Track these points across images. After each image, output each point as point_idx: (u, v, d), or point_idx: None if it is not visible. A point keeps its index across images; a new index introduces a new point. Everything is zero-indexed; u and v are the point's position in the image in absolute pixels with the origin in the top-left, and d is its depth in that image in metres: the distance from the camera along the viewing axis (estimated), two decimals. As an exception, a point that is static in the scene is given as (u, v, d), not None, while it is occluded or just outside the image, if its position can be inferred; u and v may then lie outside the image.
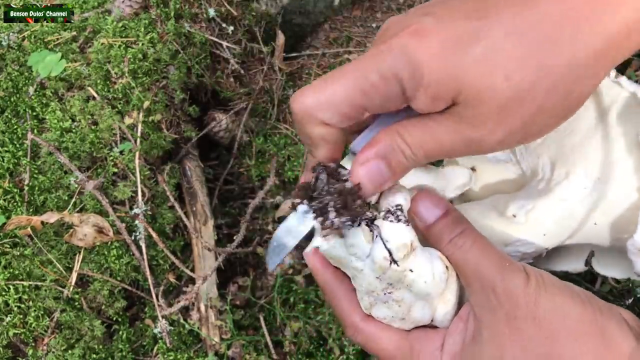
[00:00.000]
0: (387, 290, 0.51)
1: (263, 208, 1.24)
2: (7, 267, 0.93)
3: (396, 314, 0.53)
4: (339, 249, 0.51)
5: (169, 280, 1.03)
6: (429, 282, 0.50)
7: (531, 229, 0.64)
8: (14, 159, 1.03)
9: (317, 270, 0.56)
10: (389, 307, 0.53)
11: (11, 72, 1.13)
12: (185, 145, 1.19)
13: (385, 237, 0.49)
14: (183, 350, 0.97)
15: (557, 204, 0.63)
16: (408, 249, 0.49)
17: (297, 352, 1.01)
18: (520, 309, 0.48)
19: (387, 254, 0.49)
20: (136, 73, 1.10)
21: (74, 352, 0.90)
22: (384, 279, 0.50)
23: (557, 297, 0.48)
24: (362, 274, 0.51)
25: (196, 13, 1.23)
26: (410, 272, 0.49)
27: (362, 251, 0.50)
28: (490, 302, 0.49)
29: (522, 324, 0.48)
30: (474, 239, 0.51)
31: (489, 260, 0.50)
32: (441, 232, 0.51)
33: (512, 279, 0.49)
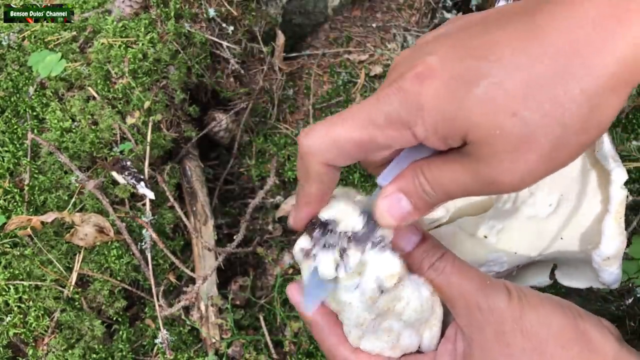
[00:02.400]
0: (376, 320, 0.52)
1: (263, 208, 1.24)
2: (7, 267, 0.93)
3: (386, 343, 0.53)
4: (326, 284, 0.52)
5: (169, 280, 1.03)
6: (418, 311, 0.51)
7: (503, 248, 0.66)
8: (14, 159, 1.03)
9: (299, 304, 0.57)
10: (378, 338, 0.53)
11: (11, 72, 1.13)
12: (186, 145, 1.19)
13: (375, 265, 0.50)
14: (183, 350, 0.98)
15: (525, 222, 0.65)
16: (396, 278, 0.50)
17: (297, 352, 1.01)
18: (507, 324, 0.49)
19: (375, 284, 0.49)
20: (136, 73, 1.10)
21: (74, 352, 0.90)
22: (374, 310, 0.51)
23: (539, 308, 0.50)
24: (351, 307, 0.51)
25: (196, 13, 1.23)
26: (400, 302, 0.50)
27: (350, 282, 0.50)
28: (477, 320, 0.50)
29: (510, 339, 0.49)
30: (452, 261, 0.52)
31: (470, 280, 0.51)
32: (421, 258, 0.52)
33: (495, 295, 0.50)
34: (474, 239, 0.66)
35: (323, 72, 1.42)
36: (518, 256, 0.66)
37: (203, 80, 1.24)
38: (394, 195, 0.48)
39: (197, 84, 1.24)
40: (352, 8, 1.53)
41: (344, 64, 1.41)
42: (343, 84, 1.37)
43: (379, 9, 1.54)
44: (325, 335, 0.56)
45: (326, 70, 1.42)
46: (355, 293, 0.50)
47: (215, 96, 1.32)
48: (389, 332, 0.53)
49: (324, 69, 1.43)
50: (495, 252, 0.65)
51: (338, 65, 1.41)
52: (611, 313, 0.85)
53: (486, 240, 0.65)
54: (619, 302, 0.84)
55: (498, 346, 0.49)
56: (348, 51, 1.44)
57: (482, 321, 0.50)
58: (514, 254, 0.65)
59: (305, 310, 0.54)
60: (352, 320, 0.52)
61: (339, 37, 1.49)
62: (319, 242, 0.51)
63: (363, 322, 0.52)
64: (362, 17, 1.52)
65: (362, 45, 1.46)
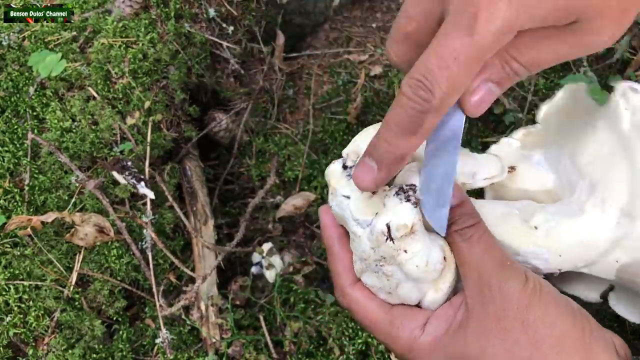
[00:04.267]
0: (379, 262, 0.52)
1: (263, 208, 1.24)
2: (8, 267, 0.93)
3: (384, 286, 0.54)
4: (344, 210, 0.53)
5: (170, 280, 1.03)
6: (421, 268, 0.51)
7: (548, 245, 0.62)
8: (14, 159, 1.03)
9: (325, 226, 0.59)
10: (378, 278, 0.54)
11: (11, 72, 1.13)
12: (186, 145, 1.19)
13: (388, 214, 0.50)
14: (183, 350, 0.98)
15: (583, 229, 0.61)
16: (407, 230, 0.50)
17: (297, 352, 1.01)
18: (511, 310, 0.49)
19: (386, 229, 0.49)
20: (136, 73, 1.10)
21: (74, 351, 0.90)
22: (378, 252, 0.51)
23: (549, 306, 0.50)
24: (359, 240, 0.53)
25: (196, 13, 1.23)
26: (404, 253, 0.50)
27: (364, 219, 0.51)
28: (483, 296, 0.50)
29: (509, 325, 0.49)
30: (481, 233, 0.52)
31: (491, 256, 0.51)
32: (451, 220, 0.52)
33: (510, 278, 0.50)
34: (524, 225, 0.62)
35: (323, 72, 1.42)
36: (562, 260, 0.62)
37: (203, 80, 1.24)
38: (483, 83, 0.47)
39: (197, 84, 1.24)
40: (352, 8, 1.53)
41: (344, 64, 1.41)
42: (343, 84, 1.37)
43: (379, 9, 1.54)
44: (334, 260, 0.58)
45: (326, 70, 1.42)
46: (366, 229, 0.51)
47: (215, 96, 1.32)
48: (389, 277, 0.53)
49: (324, 69, 1.43)
50: (539, 246, 0.61)
51: (338, 65, 1.41)
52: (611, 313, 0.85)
53: (534, 231, 0.62)
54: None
55: (495, 327, 0.49)
56: (348, 51, 1.44)
57: (488, 298, 0.50)
58: (558, 255, 0.61)
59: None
60: (358, 253, 0.54)
61: (339, 37, 1.49)
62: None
63: (367, 258, 0.53)
64: (362, 17, 1.52)
65: (362, 45, 1.46)
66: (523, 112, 1.16)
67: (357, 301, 0.56)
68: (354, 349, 0.97)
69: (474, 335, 0.50)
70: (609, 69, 1.23)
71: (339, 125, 1.30)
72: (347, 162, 0.55)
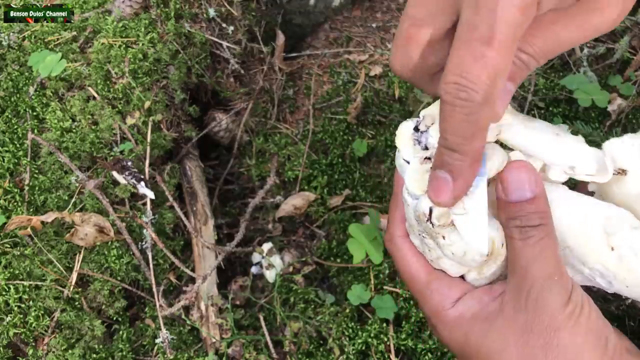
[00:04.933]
0: (422, 233, 0.53)
1: (263, 208, 1.24)
2: (8, 267, 0.93)
3: (426, 253, 0.55)
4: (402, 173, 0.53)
5: (170, 280, 1.03)
6: (457, 256, 0.50)
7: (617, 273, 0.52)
8: (14, 159, 1.03)
9: (395, 175, 0.59)
10: (422, 243, 0.54)
11: (11, 72, 1.13)
12: (186, 145, 1.19)
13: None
14: (183, 349, 0.97)
15: None
16: (447, 221, 0.49)
17: (297, 352, 1.01)
18: (540, 326, 0.48)
19: (428, 212, 0.49)
20: (136, 73, 1.10)
21: (74, 351, 0.90)
22: (421, 225, 0.52)
23: (579, 335, 0.47)
24: (408, 208, 0.53)
25: (196, 13, 1.23)
26: (442, 239, 0.50)
27: (414, 192, 0.51)
28: (519, 301, 0.49)
29: (532, 341, 0.48)
30: (542, 236, 0.48)
31: (542, 264, 0.48)
32: (517, 214, 0.49)
33: (551, 294, 0.48)
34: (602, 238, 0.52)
35: (323, 72, 1.42)
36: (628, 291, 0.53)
37: (203, 80, 1.24)
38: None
39: (197, 84, 1.24)
40: (352, 8, 1.53)
41: (344, 64, 1.41)
42: (343, 84, 1.37)
43: (379, 9, 1.54)
44: (394, 207, 0.58)
45: (326, 70, 1.42)
46: (413, 202, 0.52)
47: (215, 96, 1.32)
48: (430, 249, 0.54)
49: (324, 69, 1.43)
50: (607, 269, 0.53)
51: (338, 65, 1.41)
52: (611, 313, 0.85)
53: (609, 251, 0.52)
54: (618, 301, 0.84)
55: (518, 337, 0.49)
56: (348, 51, 1.44)
57: (522, 306, 0.49)
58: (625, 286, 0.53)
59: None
60: (407, 214, 0.54)
61: (339, 37, 1.49)
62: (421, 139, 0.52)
63: (412, 225, 0.54)
64: (362, 17, 1.52)
65: (362, 45, 1.46)
66: (523, 112, 1.16)
67: (403, 253, 0.57)
68: (354, 349, 0.97)
69: (496, 334, 0.50)
70: (609, 69, 1.22)
71: (339, 125, 1.30)
72: (421, 125, 0.52)
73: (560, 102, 1.19)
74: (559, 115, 1.16)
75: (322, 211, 1.20)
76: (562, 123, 1.14)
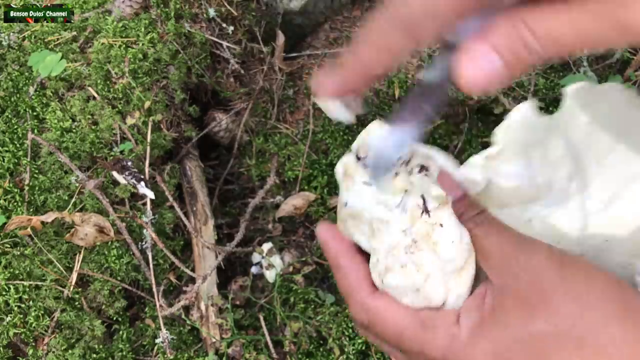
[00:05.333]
0: (410, 248, 0.49)
1: (263, 208, 1.24)
2: (8, 267, 0.93)
3: (411, 283, 0.49)
4: (364, 199, 0.50)
5: (170, 280, 1.03)
6: (456, 243, 0.48)
7: (544, 234, 0.61)
8: (14, 159, 1.03)
9: (326, 242, 0.53)
10: (405, 274, 0.49)
11: (11, 72, 1.13)
12: (186, 145, 1.19)
13: (421, 187, 0.48)
14: (183, 350, 0.98)
15: (572, 214, 0.62)
16: (442, 199, 0.48)
17: (297, 352, 1.01)
18: (546, 272, 0.46)
19: (422, 201, 0.48)
20: (136, 73, 1.10)
21: (74, 351, 0.90)
22: (411, 233, 0.48)
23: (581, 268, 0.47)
24: (387, 227, 0.49)
25: (196, 13, 1.23)
26: (440, 227, 0.48)
27: (391, 201, 0.49)
28: (512, 269, 0.47)
29: (548, 285, 0.46)
30: (492, 217, 0.49)
31: (509, 235, 0.48)
32: (461, 210, 0.49)
33: (535, 249, 0.47)
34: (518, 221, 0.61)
35: (323, 72, 1.42)
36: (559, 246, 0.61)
37: (203, 80, 1.24)
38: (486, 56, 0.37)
39: (197, 84, 1.24)
40: (352, 8, 1.53)
41: (344, 64, 1.41)
42: (343, 84, 1.37)
43: (379, 9, 1.54)
44: (346, 275, 0.52)
45: (326, 70, 1.42)
46: (395, 211, 0.49)
47: (215, 96, 1.32)
48: (419, 268, 0.49)
49: (324, 69, 1.43)
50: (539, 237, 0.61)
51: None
52: None
53: (530, 224, 0.62)
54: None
55: (534, 293, 0.45)
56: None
57: (518, 270, 0.46)
58: (556, 242, 0.60)
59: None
60: (384, 244, 0.49)
61: (339, 37, 1.49)
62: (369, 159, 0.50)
63: (396, 246, 0.49)
64: (362, 17, 1.52)
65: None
66: (523, 112, 1.16)
67: (381, 310, 0.50)
68: (354, 349, 0.97)
69: (514, 310, 0.46)
70: (609, 69, 1.23)
71: (339, 125, 1.30)
72: (359, 154, 0.52)
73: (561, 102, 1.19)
74: (559, 115, 1.16)
75: (322, 211, 1.20)
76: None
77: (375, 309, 0.50)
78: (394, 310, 0.50)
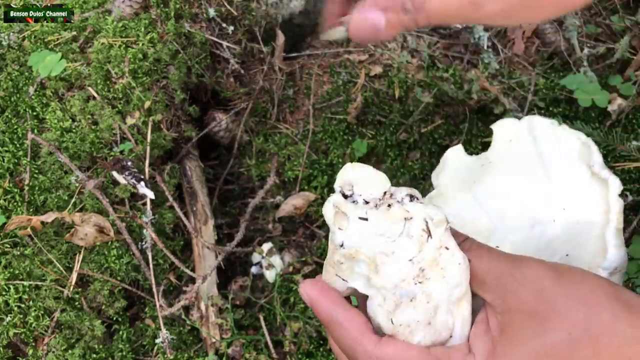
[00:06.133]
0: (418, 278, 0.48)
1: (263, 208, 1.24)
2: (8, 267, 0.93)
3: (423, 316, 0.49)
4: (362, 234, 0.49)
5: (169, 280, 1.03)
6: (463, 265, 0.49)
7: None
8: (14, 159, 1.03)
9: (316, 300, 0.51)
10: (415, 307, 0.48)
11: (11, 72, 1.13)
12: (186, 145, 1.19)
13: (420, 212, 0.49)
14: (183, 349, 0.98)
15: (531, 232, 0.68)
16: (445, 224, 0.48)
17: (297, 352, 1.01)
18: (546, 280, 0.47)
19: (425, 225, 0.47)
20: (136, 73, 1.10)
21: (74, 351, 0.90)
22: (418, 261, 0.48)
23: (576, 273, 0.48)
24: (392, 260, 0.48)
25: (196, 13, 1.23)
26: (446, 250, 0.48)
27: (393, 230, 0.48)
28: (511, 286, 0.47)
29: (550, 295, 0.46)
30: (478, 242, 0.51)
31: (498, 255, 0.49)
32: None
33: (528, 264, 0.48)
34: None
35: (323, 72, 1.42)
36: None
37: (203, 80, 1.24)
38: (373, 13, 0.51)
39: (197, 84, 1.24)
40: (352, 8, 1.53)
41: (344, 64, 1.41)
42: (343, 84, 1.37)
43: (379, 9, 1.54)
44: (345, 328, 0.50)
45: (326, 70, 1.42)
46: (399, 240, 0.48)
47: (215, 96, 1.32)
48: (429, 299, 0.48)
49: (324, 69, 1.43)
50: None
51: (338, 65, 1.41)
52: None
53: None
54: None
55: (539, 305, 0.46)
56: (348, 51, 1.44)
57: (516, 285, 0.47)
58: None
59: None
60: (391, 278, 0.48)
61: (339, 37, 1.49)
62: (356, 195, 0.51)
63: (404, 279, 0.48)
64: (362, 17, 1.52)
65: (362, 45, 1.46)
66: (523, 112, 1.16)
67: (392, 356, 0.48)
68: (354, 349, 0.97)
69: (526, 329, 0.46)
70: (609, 69, 1.22)
71: (339, 125, 1.30)
72: (345, 191, 0.52)
73: (560, 102, 1.19)
74: (559, 115, 1.16)
75: (321, 211, 1.20)
76: (562, 123, 1.14)
77: (388, 355, 0.48)
78: (408, 352, 0.48)
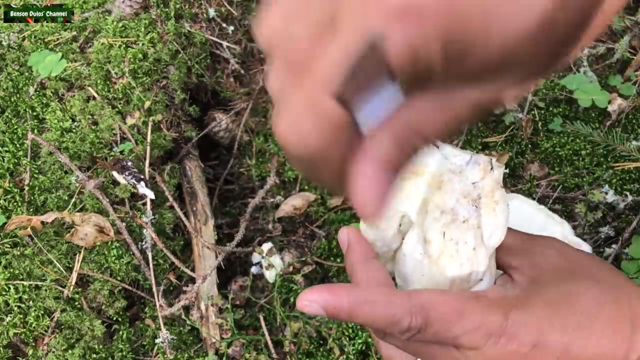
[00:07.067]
0: (476, 202, 0.48)
1: (263, 208, 1.24)
2: (8, 267, 0.93)
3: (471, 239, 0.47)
4: (435, 158, 0.50)
5: (170, 280, 1.03)
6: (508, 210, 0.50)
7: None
8: (14, 159, 1.03)
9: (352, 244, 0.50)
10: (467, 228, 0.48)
11: (11, 72, 1.13)
12: (186, 145, 1.19)
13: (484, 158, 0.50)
14: (183, 350, 0.98)
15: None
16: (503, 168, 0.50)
17: (297, 352, 1.01)
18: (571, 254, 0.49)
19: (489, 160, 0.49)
20: (136, 73, 1.10)
21: (74, 352, 0.90)
22: (480, 187, 0.49)
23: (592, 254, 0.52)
24: (458, 178, 0.49)
25: (196, 13, 1.23)
26: (500, 188, 0.49)
27: (463, 156, 0.50)
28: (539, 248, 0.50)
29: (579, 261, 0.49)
30: None
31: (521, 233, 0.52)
32: None
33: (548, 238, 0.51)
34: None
35: (323, 72, 1.42)
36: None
37: (203, 80, 1.24)
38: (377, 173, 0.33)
39: (197, 84, 1.24)
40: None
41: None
42: (343, 84, 1.37)
43: (379, 9, 1.54)
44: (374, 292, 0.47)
45: (326, 70, 1.42)
46: (465, 167, 0.50)
47: (215, 96, 1.32)
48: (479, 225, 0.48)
49: (324, 69, 1.43)
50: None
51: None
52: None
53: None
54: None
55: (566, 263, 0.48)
56: (348, 51, 1.44)
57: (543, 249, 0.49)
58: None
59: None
60: (454, 194, 0.48)
61: (339, 37, 1.49)
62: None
63: (466, 195, 0.48)
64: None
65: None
66: (523, 112, 1.16)
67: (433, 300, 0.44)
68: (354, 349, 0.97)
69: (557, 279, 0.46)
70: (609, 69, 1.22)
71: (339, 125, 1.30)
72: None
73: (560, 102, 1.19)
74: (559, 115, 1.16)
75: (322, 211, 1.20)
76: (562, 123, 1.14)
77: (427, 303, 0.44)
78: (444, 295, 0.45)
